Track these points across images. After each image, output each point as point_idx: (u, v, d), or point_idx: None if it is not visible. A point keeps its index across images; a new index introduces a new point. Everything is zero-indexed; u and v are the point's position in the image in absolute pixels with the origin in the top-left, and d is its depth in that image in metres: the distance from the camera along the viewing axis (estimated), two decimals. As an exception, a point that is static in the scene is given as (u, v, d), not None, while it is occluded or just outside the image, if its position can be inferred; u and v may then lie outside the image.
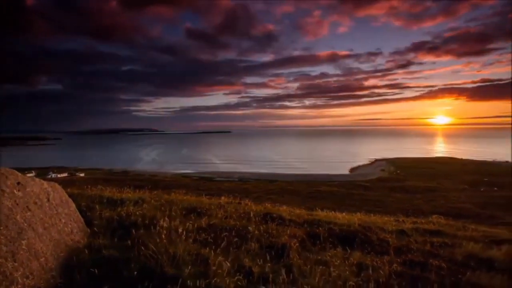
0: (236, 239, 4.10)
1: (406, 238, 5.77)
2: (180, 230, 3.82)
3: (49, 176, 54.75)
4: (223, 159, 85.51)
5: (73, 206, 4.02)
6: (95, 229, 4.04)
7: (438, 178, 45.07)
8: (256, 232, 4.57)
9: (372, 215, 9.09)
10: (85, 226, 4.02)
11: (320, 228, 5.59)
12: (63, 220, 3.53)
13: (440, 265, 4.11)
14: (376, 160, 72.94)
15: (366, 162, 72.36)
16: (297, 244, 4.33)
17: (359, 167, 64.58)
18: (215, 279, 2.82)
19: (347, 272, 3.54)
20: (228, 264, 3.09)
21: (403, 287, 3.34)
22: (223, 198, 8.09)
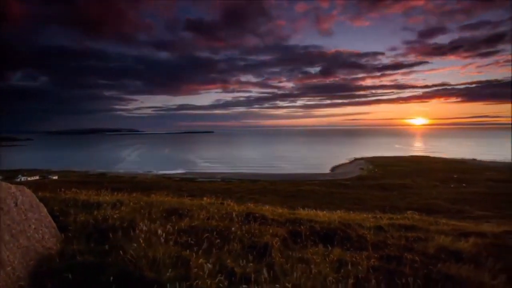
0: (218, 240, 4.06)
1: (383, 233, 6.00)
2: (160, 233, 3.73)
3: (18, 180, 51.39)
4: (205, 160, 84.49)
5: (44, 210, 3.80)
6: (69, 234, 3.85)
7: (412, 175, 47.34)
8: (239, 232, 4.57)
9: (351, 212, 9.37)
10: (57, 231, 3.82)
11: (302, 227, 5.67)
12: (33, 226, 3.33)
13: (414, 258, 4.31)
14: (356, 159, 75.30)
15: (346, 161, 74.43)
16: (279, 243, 4.36)
17: (339, 166, 66.35)
18: (196, 281, 2.79)
19: (328, 269, 3.63)
20: (210, 265, 3.06)
21: (380, 281, 3.46)
22: (205, 198, 7.99)
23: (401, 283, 3.42)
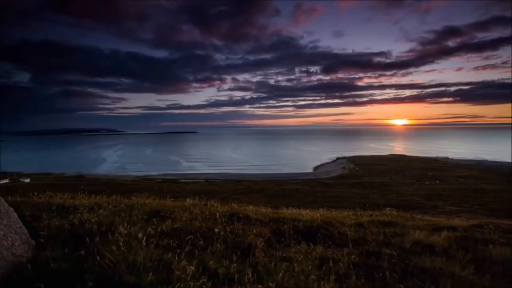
0: (201, 241, 4.02)
1: (363, 230, 6.19)
2: (140, 236, 3.63)
3: (-15, 183, 47.97)
4: (189, 160, 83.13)
5: (14, 216, 3.58)
6: (42, 240, 3.65)
7: (390, 174, 49.23)
8: (222, 233, 4.54)
9: (333, 210, 9.61)
10: (29, 238, 3.61)
11: (285, 226, 5.73)
12: (2, 233, 3.13)
13: (392, 253, 4.49)
14: (338, 158, 77.15)
15: (328, 160, 76.07)
16: (263, 243, 4.39)
17: (322, 165, 67.69)
18: (178, 284, 2.74)
19: (310, 267, 3.69)
20: (193, 267, 3.02)
21: (360, 276, 3.58)
22: (188, 200, 7.87)
23: (380, 277, 3.55)
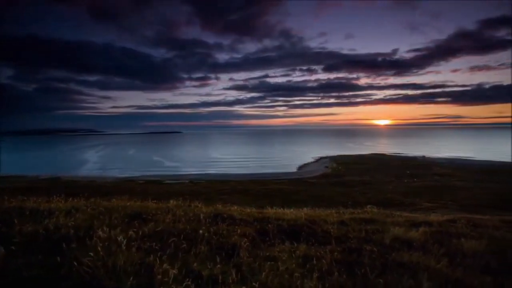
0: (184, 243, 3.96)
1: (345, 228, 6.35)
2: (121, 240, 3.52)
3: (-51, 188, 44.50)
4: (172, 161, 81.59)
5: (-19, 222, 3.36)
6: (13, 247, 3.45)
7: (371, 172, 50.79)
8: (206, 234, 4.50)
9: (317, 209, 9.79)
10: (-1, 245, 3.40)
11: (270, 225, 5.78)
12: (-33, 240, 2.92)
13: (372, 249, 4.64)
14: (321, 158, 78.55)
15: (312, 160, 77.30)
16: (247, 243, 4.39)
17: (306, 164, 68.66)
18: (160, 287, 2.69)
19: (294, 265, 3.74)
20: (176, 270, 2.97)
21: (342, 272, 3.67)
22: (171, 201, 7.74)
23: (361, 273, 3.66)
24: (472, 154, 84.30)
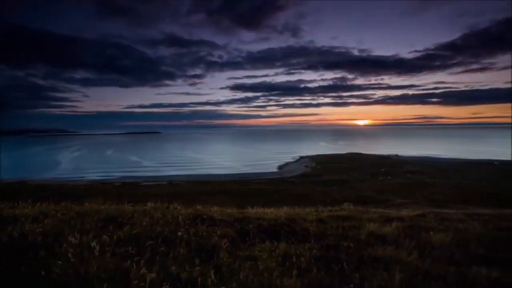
0: (162, 246, 3.86)
1: (323, 225, 6.51)
2: (94, 245, 3.36)
3: None
4: (151, 161, 79.11)
5: None
6: (-28, 258, 3.18)
7: (348, 171, 52.54)
8: (185, 236, 4.41)
9: (297, 208, 9.93)
10: (-46, 255, 3.11)
11: (250, 225, 5.78)
12: None
13: (349, 245, 4.80)
14: (301, 158, 79.97)
15: (292, 159, 78.48)
16: (227, 244, 4.37)
17: (286, 164, 69.58)
18: (137, 293, 2.60)
19: (274, 264, 3.78)
20: (153, 275, 2.89)
21: (320, 269, 3.76)
22: (149, 204, 7.49)
23: (338, 268, 3.78)
24: (441, 152, 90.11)
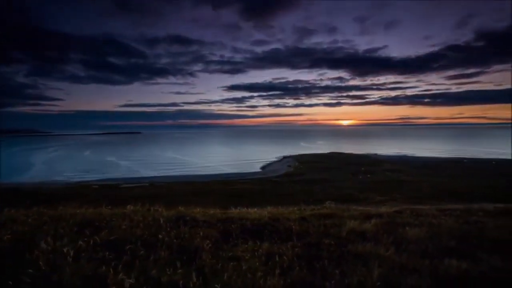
0: (142, 250, 3.75)
1: (306, 223, 6.61)
2: (68, 251, 3.21)
3: None
4: (131, 162, 76.68)
5: None
6: None
7: (330, 170, 53.74)
8: (167, 238, 4.32)
9: (280, 207, 10.01)
10: None
11: (233, 226, 5.77)
12: None
13: (330, 242, 4.91)
14: (284, 157, 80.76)
15: (276, 159, 79.08)
16: (210, 245, 4.33)
17: (269, 164, 70.00)
18: (115, 299, 2.51)
19: (257, 264, 3.79)
20: (132, 280, 2.80)
21: (303, 267, 3.82)
22: (128, 206, 7.26)
23: (320, 265, 3.85)
24: (418, 151, 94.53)
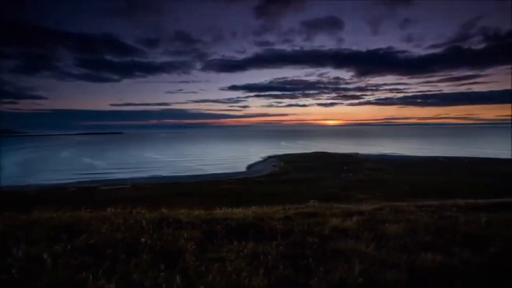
0: (123, 254, 3.65)
1: (290, 222, 6.68)
2: (44, 257, 3.07)
3: None
4: (112, 164, 74.13)
5: None
6: None
7: (314, 169, 54.68)
8: (149, 241, 4.23)
9: (265, 206, 10.06)
10: None
11: (218, 226, 5.73)
12: None
13: (314, 240, 5.00)
14: (269, 157, 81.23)
15: (261, 159, 79.35)
16: (194, 246, 4.28)
17: (255, 164, 70.14)
18: (95, 305, 2.43)
19: (242, 264, 3.79)
20: (113, 285, 2.72)
21: (287, 266, 3.87)
22: (109, 209, 7.03)
23: (303, 264, 3.92)
24: (397, 150, 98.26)
